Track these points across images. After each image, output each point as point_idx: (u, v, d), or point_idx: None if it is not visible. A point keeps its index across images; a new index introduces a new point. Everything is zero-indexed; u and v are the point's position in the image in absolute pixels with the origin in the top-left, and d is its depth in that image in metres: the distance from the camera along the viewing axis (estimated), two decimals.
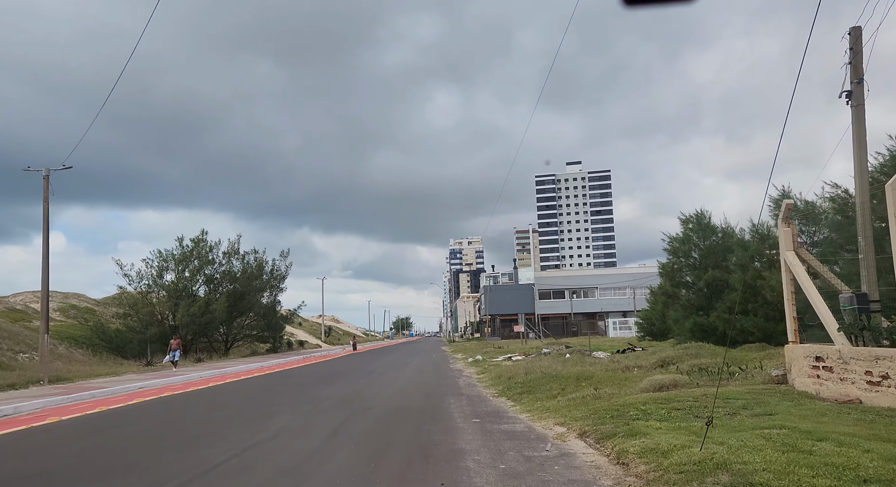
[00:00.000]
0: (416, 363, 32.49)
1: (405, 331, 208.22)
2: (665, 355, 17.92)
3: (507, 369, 20.73)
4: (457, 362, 32.64)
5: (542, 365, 18.72)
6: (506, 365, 24.05)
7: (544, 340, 48.90)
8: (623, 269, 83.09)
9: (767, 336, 23.49)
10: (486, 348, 45.38)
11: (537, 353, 31.79)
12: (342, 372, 25.93)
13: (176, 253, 44.89)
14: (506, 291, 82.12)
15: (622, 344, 37.65)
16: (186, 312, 41.11)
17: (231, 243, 46.79)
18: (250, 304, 47.46)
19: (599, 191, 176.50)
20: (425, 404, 13.66)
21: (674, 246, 28.43)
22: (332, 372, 26.01)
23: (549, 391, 13.58)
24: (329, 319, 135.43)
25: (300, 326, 77.64)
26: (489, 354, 35.85)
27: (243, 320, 51.57)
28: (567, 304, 78.79)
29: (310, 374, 25.40)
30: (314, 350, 60.46)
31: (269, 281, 53.34)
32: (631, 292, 78.82)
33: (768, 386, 10.90)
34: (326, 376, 23.79)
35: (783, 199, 24.00)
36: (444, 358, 37.35)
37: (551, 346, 37.86)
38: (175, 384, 22.20)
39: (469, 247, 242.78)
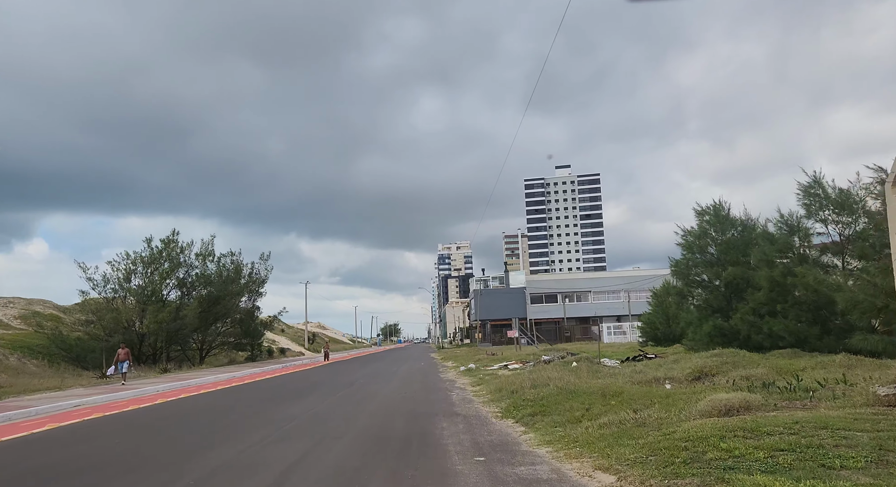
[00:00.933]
0: (403, 372, 29.37)
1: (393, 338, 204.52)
2: (696, 364, 14.94)
3: (508, 380, 17.69)
4: (447, 371, 29.56)
5: (549, 376, 15.71)
6: (504, 376, 21.00)
7: (539, 346, 45.93)
8: (616, 273, 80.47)
9: (800, 340, 20.63)
10: (477, 355, 42.33)
11: (536, 361, 28.79)
12: (319, 384, 22.77)
13: (144, 254, 41.53)
14: (496, 296, 79.15)
15: (626, 351, 34.72)
16: (154, 318, 37.71)
17: (204, 244, 43.48)
18: (226, 310, 44.11)
19: (589, 195, 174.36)
20: (411, 429, 10.61)
21: (688, 242, 25.52)
22: (307, 384, 22.85)
23: (569, 412, 10.56)
24: (315, 326, 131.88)
25: (283, 333, 74.18)
26: (482, 362, 32.80)
27: (219, 327, 48.22)
28: (559, 309, 75.90)
29: (281, 386, 22.21)
30: (296, 358, 57.09)
31: (247, 285, 50.02)
32: (625, 296, 76.10)
33: (883, 410, 7.93)
34: (299, 389, 20.64)
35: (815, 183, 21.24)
36: (434, 367, 34.26)
37: (550, 353, 34.87)
38: (121, 400, 18.96)
39: (458, 253, 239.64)
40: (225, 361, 51.02)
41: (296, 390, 20.34)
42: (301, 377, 28.13)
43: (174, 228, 40.87)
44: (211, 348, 48.33)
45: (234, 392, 20.83)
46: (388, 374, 27.76)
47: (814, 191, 21.55)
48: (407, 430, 10.52)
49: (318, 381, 24.23)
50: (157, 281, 40.85)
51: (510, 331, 44.23)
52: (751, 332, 21.97)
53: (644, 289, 77.31)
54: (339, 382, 23.05)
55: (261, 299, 51.86)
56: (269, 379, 26.89)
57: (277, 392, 19.86)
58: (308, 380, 25.47)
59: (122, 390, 21.59)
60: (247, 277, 50.20)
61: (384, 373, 28.44)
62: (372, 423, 11.61)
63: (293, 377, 28.22)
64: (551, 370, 19.37)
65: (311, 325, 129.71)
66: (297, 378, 27.51)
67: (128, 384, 24.48)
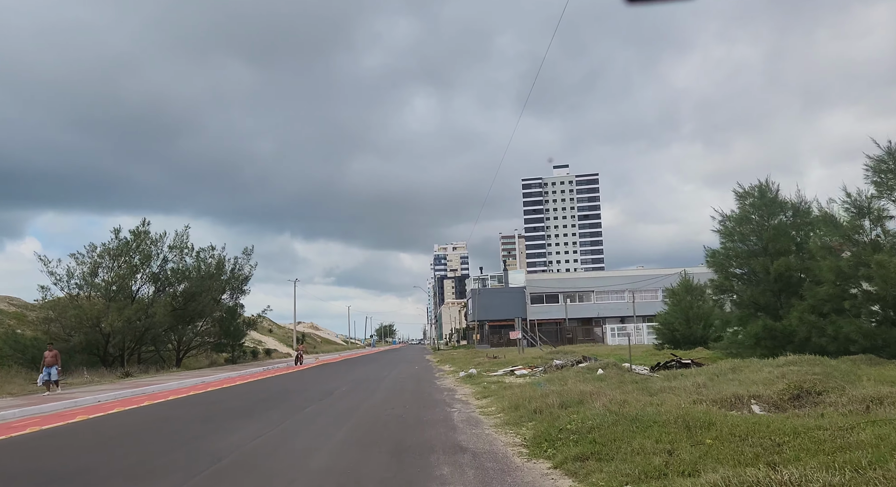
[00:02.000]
0: (393, 378, 25.38)
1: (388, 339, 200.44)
2: (792, 379, 10.89)
3: (523, 393, 13.76)
4: (445, 376, 25.60)
5: (582, 390, 11.79)
6: (516, 385, 17.05)
7: (543, 348, 41.97)
8: (620, 272, 76.63)
9: (875, 346, 16.77)
10: (477, 358, 38.37)
11: (546, 366, 24.85)
12: (290, 393, 18.79)
13: (112, 246, 37.43)
14: (495, 295, 75.22)
15: (645, 355, 30.83)
16: (119, 316, 33.64)
17: (178, 235, 39.34)
18: (202, 307, 40.01)
19: (587, 195, 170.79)
20: (393, 481, 6.69)
21: (727, 228, 21.51)
22: (275, 394, 18.86)
23: (641, 455, 6.62)
24: (308, 326, 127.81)
25: (270, 333, 70.09)
26: (484, 366, 28.84)
27: (197, 326, 44.19)
28: (561, 309, 72.05)
29: (243, 397, 18.20)
30: (282, 359, 53.05)
31: (228, 282, 45.99)
32: (629, 296, 72.26)
33: None
34: (263, 401, 16.67)
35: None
36: (429, 371, 30.29)
37: (559, 356, 30.92)
38: (40, 414, 14.97)
39: (454, 253, 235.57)
40: (206, 363, 46.95)
41: (258, 401, 16.37)
42: (275, 383, 24.13)
43: (144, 217, 36.84)
44: (189, 349, 44.31)
45: (181, 404, 16.82)
46: (375, 380, 23.79)
47: (886, 166, 17.73)
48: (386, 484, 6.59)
49: (290, 389, 20.23)
50: (125, 275, 36.76)
51: (513, 332, 40.33)
52: (811, 334, 18.07)
53: (649, 289, 73.62)
54: (314, 391, 19.06)
55: (244, 297, 47.87)
56: (238, 387, 22.88)
57: (232, 405, 15.87)
58: (280, 387, 21.47)
59: (49, 401, 17.56)
60: (229, 273, 46.20)
61: (371, 379, 24.47)
62: (332, 467, 7.66)
63: (266, 383, 24.22)
64: (576, 379, 15.44)
65: (304, 326, 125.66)
66: (270, 384, 23.50)
67: (62, 392, 20.43)
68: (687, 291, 34.48)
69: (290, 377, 27.93)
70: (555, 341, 71.35)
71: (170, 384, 24.08)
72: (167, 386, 23.42)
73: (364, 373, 29.26)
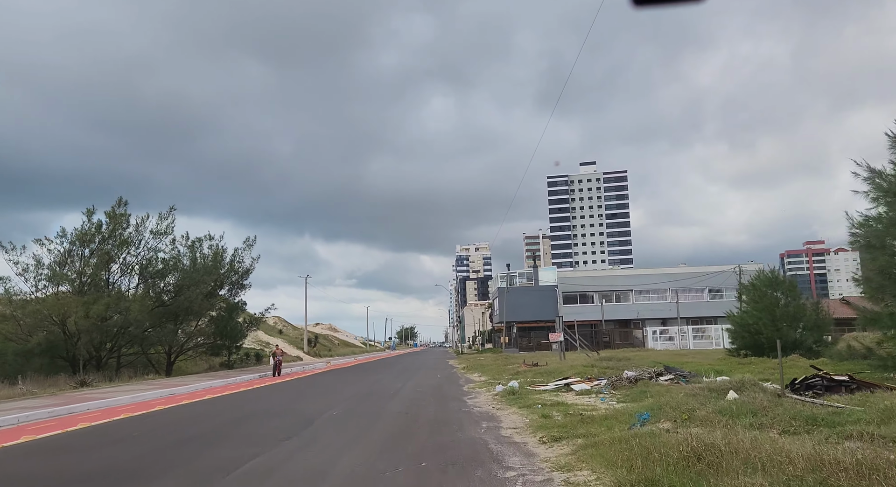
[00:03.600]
0: (407, 394, 19.12)
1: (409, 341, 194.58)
2: None
3: (625, 439, 7.42)
4: (477, 391, 19.29)
5: (734, 440, 5.45)
6: (599, 417, 10.64)
7: (589, 354, 35.37)
8: (661, 269, 69.61)
9: None
10: (510, 364, 32.00)
11: (612, 378, 18.45)
12: (244, 423, 12.59)
13: (87, 230, 31.80)
14: (524, 294, 68.64)
15: (719, 363, 24.21)
16: (84, 313, 27.96)
17: (161, 218, 33.48)
18: (189, 302, 34.14)
19: (615, 193, 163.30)
20: None
21: (888, 186, 14.83)
22: (233, 421, 12.70)
23: None
24: (326, 327, 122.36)
25: (280, 334, 64.38)
26: (525, 377, 22.46)
27: (189, 325, 38.48)
28: (596, 310, 65.34)
29: (186, 424, 12.09)
30: (291, 364, 47.14)
31: (226, 275, 40.23)
32: (672, 296, 65.32)
33: None
34: (204, 436, 10.57)
35: None
36: (455, 382, 24.00)
37: (616, 364, 24.37)
38: None
39: (476, 254, 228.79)
40: (204, 367, 41.25)
41: (196, 437, 10.28)
42: (251, 399, 18.03)
43: (120, 196, 31.15)
44: (182, 351, 38.61)
45: (82, 437, 10.74)
46: (382, 398, 17.56)
47: None
48: None
49: (252, 415, 14.02)
50: (98, 264, 31.08)
51: (553, 334, 33.85)
52: None
53: (694, 288, 66.58)
54: (283, 421, 12.84)
55: (244, 292, 42.07)
56: (201, 404, 16.84)
57: (146, 447, 9.73)
58: (253, 408, 15.32)
59: None
60: (227, 265, 40.45)
61: (378, 396, 18.26)
62: None
63: (239, 399, 18.13)
64: (687, 406, 9.08)
65: (322, 327, 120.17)
66: (244, 401, 17.40)
67: None
68: (771, 286, 27.73)
69: (279, 389, 21.81)
70: (590, 345, 64.63)
71: (121, 398, 18.15)
72: (116, 401, 17.53)
73: (372, 385, 23.08)
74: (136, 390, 21.30)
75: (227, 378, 27.61)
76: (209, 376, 30.36)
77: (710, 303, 65.19)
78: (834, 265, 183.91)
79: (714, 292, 65.38)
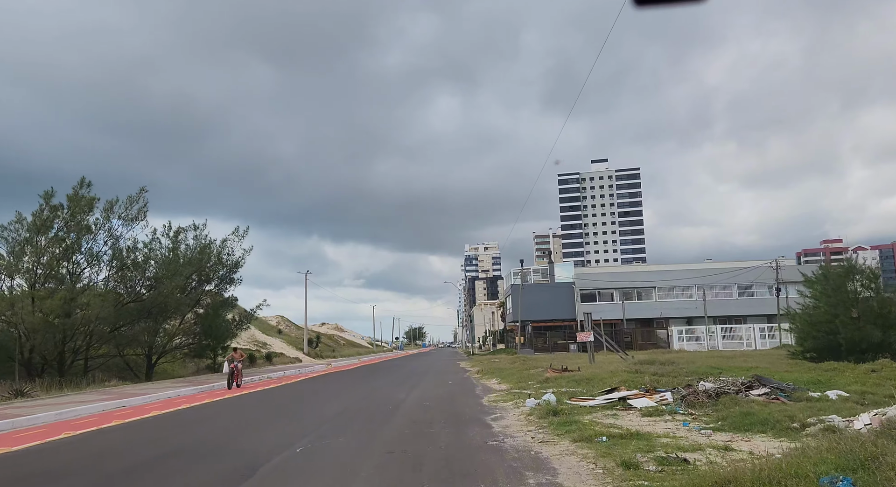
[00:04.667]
0: (409, 412, 14.51)
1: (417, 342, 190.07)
2: None
3: None
4: (502, 406, 14.67)
5: None
6: (740, 477, 6.10)
7: (624, 357, 30.65)
8: (685, 265, 64.76)
9: None
10: (531, 367, 27.42)
11: (683, 391, 13.86)
12: (164, 463, 8.15)
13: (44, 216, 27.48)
14: (539, 292, 64.02)
15: (816, 373, 19.48)
16: (32, 309, 23.63)
17: (131, 201, 28.95)
18: (165, 298, 29.75)
19: (628, 191, 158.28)
20: None
21: None
22: (124, 472, 8.22)
23: None
24: (332, 327, 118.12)
25: (280, 334, 60.01)
26: (557, 385, 17.86)
27: (171, 324, 34.17)
28: (616, 308, 60.61)
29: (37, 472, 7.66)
30: (286, 365, 42.75)
31: (213, 268, 35.89)
32: (697, 293, 60.45)
33: None
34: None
35: None
36: (470, 391, 19.43)
37: (690, 375, 19.72)
38: None
39: (485, 253, 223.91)
40: (192, 370, 37.01)
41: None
42: (190, 422, 13.54)
43: (83, 176, 26.76)
44: (164, 352, 34.31)
45: None
46: (376, 419, 12.99)
47: None
48: None
49: (188, 449, 9.51)
50: (55, 253, 26.74)
51: (581, 334, 29.19)
52: None
53: (722, 285, 61.61)
54: (219, 463, 8.32)
55: (234, 287, 37.73)
56: (116, 431, 12.38)
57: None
58: (173, 444, 10.77)
59: None
60: (215, 257, 36.11)
61: (370, 416, 13.72)
62: None
63: (174, 423, 13.63)
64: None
65: (328, 327, 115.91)
66: (179, 427, 12.91)
67: None
68: (848, 276, 22.98)
69: (229, 409, 17.18)
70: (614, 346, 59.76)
71: (28, 418, 13.75)
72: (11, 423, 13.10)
73: (366, 397, 18.55)
74: (75, 402, 16.89)
75: (201, 384, 23.11)
76: (183, 382, 25.90)
77: (740, 301, 60.32)
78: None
79: (744, 289, 60.48)
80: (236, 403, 16.83)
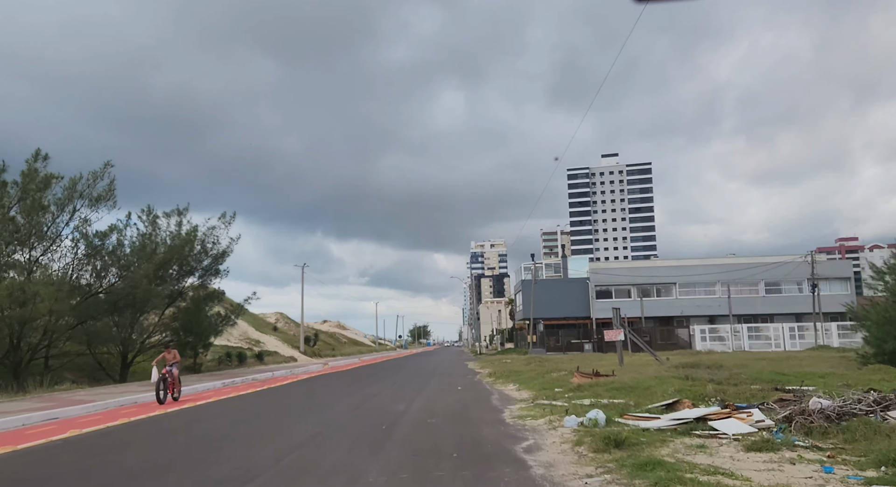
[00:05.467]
0: (408, 434, 10.77)
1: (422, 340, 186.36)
2: None
3: None
4: (534, 429, 10.88)
5: None
6: None
7: (663, 361, 26.83)
8: (708, 260, 60.81)
9: None
10: (552, 371, 23.67)
11: (773, 408, 10.12)
12: None
13: None
14: (551, 288, 60.26)
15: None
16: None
17: (94, 177, 25.22)
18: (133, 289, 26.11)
19: (639, 186, 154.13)
20: None
21: None
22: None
23: None
24: (334, 325, 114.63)
25: (275, 331, 56.42)
26: (596, 395, 14.11)
27: (148, 319, 30.65)
28: (633, 305, 56.71)
29: None
30: (277, 366, 39.15)
31: (197, 258, 32.33)
32: (721, 290, 56.50)
33: None
34: None
35: None
36: (484, 402, 15.67)
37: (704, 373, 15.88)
38: None
39: (492, 251, 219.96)
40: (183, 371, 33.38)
41: None
42: (97, 452, 9.88)
43: (38, 148, 23.12)
44: (141, 350, 30.80)
45: None
46: (361, 444, 9.23)
47: None
48: None
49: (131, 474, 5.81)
50: (5, 236, 23.11)
51: (610, 332, 25.39)
52: None
53: (747, 282, 57.69)
54: None
55: (219, 279, 34.18)
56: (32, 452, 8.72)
57: None
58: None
59: None
60: (199, 246, 32.55)
61: (357, 441, 10.02)
62: None
63: (70, 455, 9.97)
64: None
65: (330, 325, 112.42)
66: (69, 461, 9.25)
67: None
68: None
69: (164, 429, 13.46)
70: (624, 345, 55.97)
71: None
72: None
73: (358, 407, 14.85)
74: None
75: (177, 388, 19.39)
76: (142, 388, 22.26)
77: (767, 299, 56.35)
78: (869, 262, 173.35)
79: (771, 286, 56.51)
80: (160, 426, 12.20)
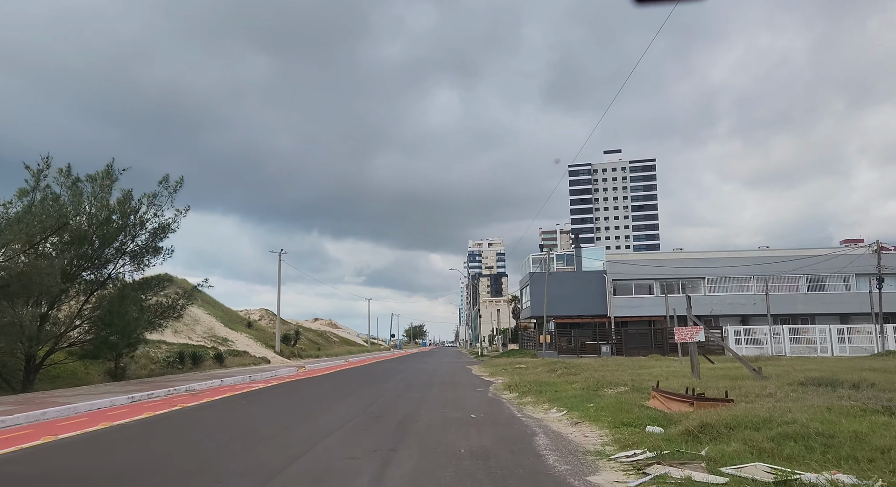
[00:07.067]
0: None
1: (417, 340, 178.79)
2: None
3: None
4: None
5: None
6: None
7: (760, 374, 19.34)
8: (741, 253, 53.61)
9: None
10: (600, 384, 16.32)
11: None
12: None
13: None
14: (563, 282, 52.88)
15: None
16: None
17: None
18: (24, 271, 18.62)
19: (642, 183, 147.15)
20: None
21: None
22: None
23: None
24: (326, 324, 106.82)
25: (249, 328, 48.87)
26: (723, 439, 6.81)
27: (54, 312, 23.16)
28: (657, 303, 49.42)
29: None
30: (235, 370, 31.62)
31: (129, 232, 24.84)
32: (755, 286, 49.28)
33: None
34: None
35: None
36: (525, 447, 8.31)
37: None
38: None
39: (489, 250, 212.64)
40: (98, 377, 25.95)
41: None
42: None
43: None
44: (50, 353, 23.28)
45: None
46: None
47: None
48: None
49: None
50: None
51: (682, 330, 17.94)
52: None
53: (786, 277, 50.67)
54: None
55: (160, 261, 26.59)
56: None
57: None
58: None
59: None
60: (133, 218, 25.03)
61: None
62: None
63: None
64: None
65: (321, 323, 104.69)
66: None
67: None
68: None
69: None
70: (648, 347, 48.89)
71: None
72: None
73: (282, 472, 7.30)
74: None
75: (50, 405, 11.90)
76: (31, 403, 14.71)
77: (809, 297, 49.07)
78: None
79: (814, 283, 49.25)
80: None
